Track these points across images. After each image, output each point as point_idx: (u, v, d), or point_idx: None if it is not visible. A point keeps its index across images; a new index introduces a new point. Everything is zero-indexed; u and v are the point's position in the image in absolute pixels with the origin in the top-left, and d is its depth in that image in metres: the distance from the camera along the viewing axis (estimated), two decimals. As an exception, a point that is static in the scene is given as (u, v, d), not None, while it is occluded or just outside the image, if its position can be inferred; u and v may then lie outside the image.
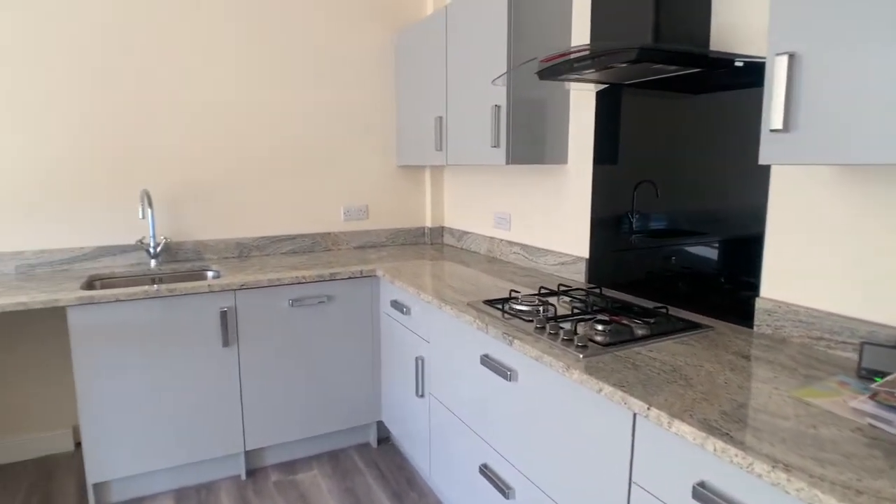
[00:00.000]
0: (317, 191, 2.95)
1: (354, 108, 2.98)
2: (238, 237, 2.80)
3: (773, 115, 1.10)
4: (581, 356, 1.33)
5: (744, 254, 1.57)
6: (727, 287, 1.63)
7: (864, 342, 1.20)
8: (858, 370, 1.21)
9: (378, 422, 2.64)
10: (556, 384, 1.38)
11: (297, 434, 2.44)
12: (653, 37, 1.50)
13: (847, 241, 1.33)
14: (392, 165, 3.13)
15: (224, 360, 2.25)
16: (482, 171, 2.85)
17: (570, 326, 1.49)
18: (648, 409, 1.07)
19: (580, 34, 2.10)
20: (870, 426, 0.97)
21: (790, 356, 1.35)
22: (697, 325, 1.57)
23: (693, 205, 1.71)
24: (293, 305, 2.34)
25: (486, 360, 1.67)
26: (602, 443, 1.25)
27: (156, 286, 2.12)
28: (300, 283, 2.33)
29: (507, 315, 1.68)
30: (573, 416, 1.34)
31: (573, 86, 2.14)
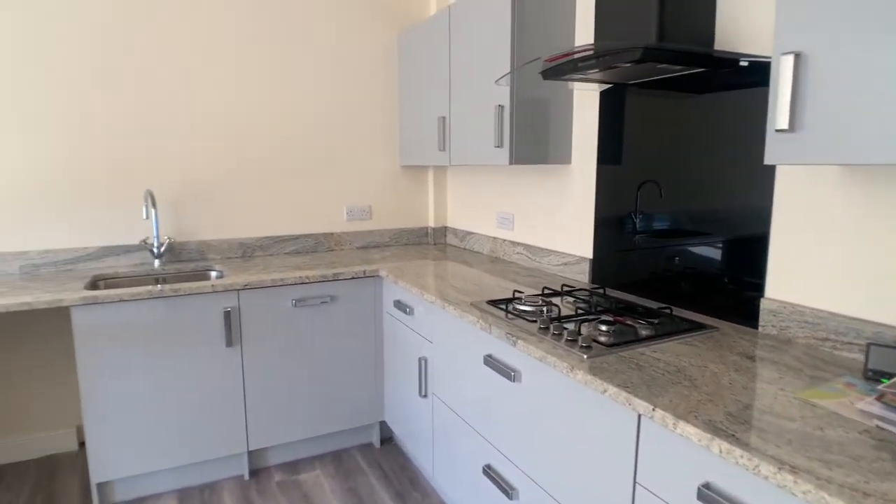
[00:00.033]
0: (320, 191, 2.95)
1: (357, 109, 2.98)
2: (241, 237, 2.80)
3: (779, 115, 1.09)
4: (585, 357, 1.32)
5: (748, 254, 1.57)
6: (732, 287, 1.62)
7: (871, 343, 1.20)
8: (865, 371, 1.20)
9: (381, 422, 2.64)
10: (560, 385, 1.38)
11: (301, 434, 2.44)
12: (657, 36, 1.50)
13: (853, 242, 1.32)
14: (395, 165, 3.13)
15: (227, 360, 2.25)
16: (485, 171, 2.85)
17: (574, 327, 1.49)
18: (653, 410, 1.07)
19: (584, 34, 2.10)
20: (877, 428, 0.97)
21: (795, 357, 1.34)
22: (702, 326, 1.57)
23: (697, 205, 1.71)
24: (296, 305, 2.34)
25: (490, 361, 1.67)
26: (606, 444, 1.24)
27: (159, 286, 2.12)
28: (303, 284, 2.33)
29: (511, 315, 1.68)
30: (577, 417, 1.33)
31: (577, 86, 2.14)
